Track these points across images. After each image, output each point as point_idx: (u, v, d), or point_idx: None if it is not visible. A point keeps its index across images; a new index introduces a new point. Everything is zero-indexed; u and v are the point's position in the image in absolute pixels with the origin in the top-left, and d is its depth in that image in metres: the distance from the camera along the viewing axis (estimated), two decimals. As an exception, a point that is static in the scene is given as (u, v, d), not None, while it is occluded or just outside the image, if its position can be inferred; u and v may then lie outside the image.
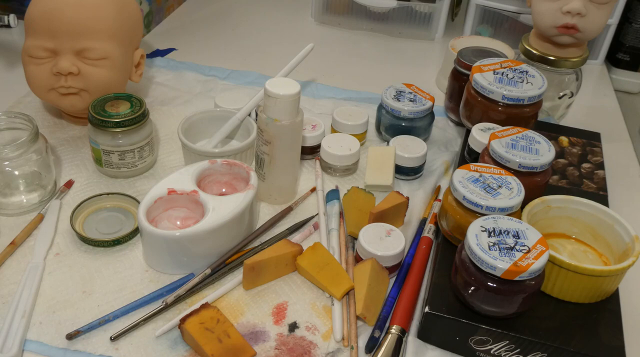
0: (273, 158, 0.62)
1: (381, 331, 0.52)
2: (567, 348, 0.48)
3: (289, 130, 0.60)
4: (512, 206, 0.53)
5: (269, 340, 0.51)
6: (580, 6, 0.71)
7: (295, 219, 0.64)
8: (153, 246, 0.55)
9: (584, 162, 0.71)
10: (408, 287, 0.55)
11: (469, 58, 0.77)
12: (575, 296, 0.52)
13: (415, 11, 1.05)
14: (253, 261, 0.54)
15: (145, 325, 0.51)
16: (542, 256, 0.47)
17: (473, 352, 0.51)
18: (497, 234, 0.49)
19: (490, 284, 0.47)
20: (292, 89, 0.58)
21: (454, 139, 0.79)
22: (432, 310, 0.50)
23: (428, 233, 0.61)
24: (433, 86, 0.93)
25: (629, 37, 1.04)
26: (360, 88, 0.89)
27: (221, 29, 1.05)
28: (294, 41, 1.01)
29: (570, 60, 0.76)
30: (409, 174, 0.70)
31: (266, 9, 1.14)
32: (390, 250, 0.56)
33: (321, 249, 0.57)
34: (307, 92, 0.87)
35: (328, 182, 0.69)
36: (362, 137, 0.75)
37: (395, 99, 0.74)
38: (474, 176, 0.56)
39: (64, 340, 0.49)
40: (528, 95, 0.66)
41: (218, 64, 0.92)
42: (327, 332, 0.52)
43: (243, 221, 0.58)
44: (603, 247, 0.56)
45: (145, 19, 0.99)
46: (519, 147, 0.59)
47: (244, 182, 0.62)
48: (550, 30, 0.74)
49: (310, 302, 0.55)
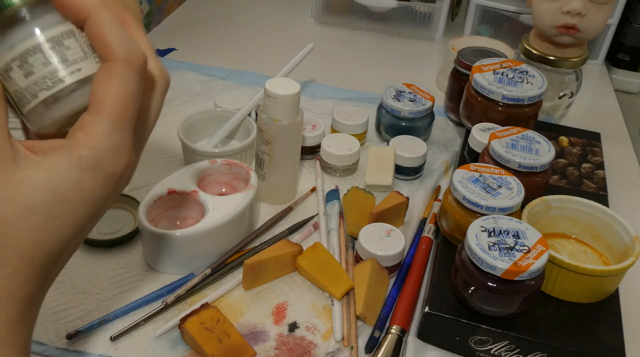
0: (273, 158, 0.62)
1: (381, 331, 0.52)
2: (567, 348, 0.48)
3: (289, 130, 0.60)
4: (512, 206, 0.53)
5: (269, 340, 0.51)
6: (580, 6, 0.71)
7: (295, 219, 0.64)
8: (153, 246, 0.55)
9: (584, 162, 0.71)
10: (408, 287, 0.55)
11: (469, 58, 0.77)
12: (575, 296, 0.52)
13: (415, 11, 1.05)
14: (253, 261, 0.54)
15: (145, 325, 0.51)
16: (542, 256, 0.47)
17: (473, 352, 0.51)
18: (497, 234, 0.49)
19: (490, 284, 0.47)
20: (292, 89, 0.58)
21: (454, 139, 0.79)
22: (432, 310, 0.50)
23: (428, 233, 0.61)
24: (433, 86, 0.93)
25: (629, 37, 1.04)
26: (360, 88, 0.89)
27: (221, 29, 1.05)
28: (294, 41, 1.01)
29: (570, 60, 0.76)
30: (409, 174, 0.70)
31: (266, 9, 1.14)
32: (390, 250, 0.56)
33: (321, 249, 0.57)
34: (307, 92, 0.87)
35: (328, 182, 0.69)
36: (362, 137, 0.75)
37: (395, 99, 0.74)
38: (474, 176, 0.56)
39: (64, 340, 0.49)
40: (528, 95, 0.66)
41: (218, 64, 0.92)
42: (327, 332, 0.52)
43: (243, 221, 0.58)
44: (603, 247, 0.56)
45: (145, 19, 0.99)
46: (519, 147, 0.59)
47: (244, 182, 0.62)
48: (550, 30, 0.74)
49: (310, 302, 0.55)
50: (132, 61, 0.31)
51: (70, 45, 0.31)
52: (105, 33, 0.30)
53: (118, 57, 0.31)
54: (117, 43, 0.30)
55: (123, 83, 0.31)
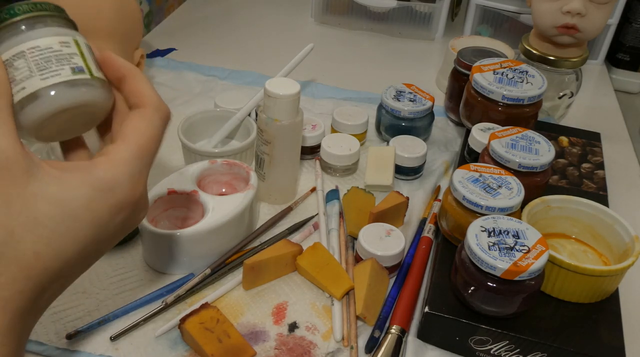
0: (273, 158, 0.62)
1: (381, 331, 0.52)
2: (567, 348, 0.48)
3: (289, 130, 0.60)
4: (512, 206, 0.53)
5: (268, 340, 0.51)
6: (580, 6, 0.71)
7: (295, 219, 0.64)
8: (153, 246, 0.55)
9: (583, 162, 0.71)
10: (408, 287, 0.55)
11: (469, 58, 0.77)
12: (575, 296, 0.52)
13: (415, 11, 1.05)
14: (253, 261, 0.54)
15: (145, 325, 0.51)
16: (542, 256, 0.47)
17: (473, 352, 0.51)
18: (497, 234, 0.49)
19: (490, 284, 0.47)
20: (292, 89, 0.58)
21: (454, 139, 0.79)
22: (432, 310, 0.50)
23: (428, 233, 0.61)
24: (433, 86, 0.93)
25: (629, 37, 1.04)
26: (360, 88, 0.89)
27: (221, 29, 1.05)
28: (294, 41, 1.01)
29: (570, 60, 0.76)
30: (409, 174, 0.70)
31: (266, 9, 1.14)
32: (390, 250, 0.56)
33: (321, 249, 0.57)
34: (307, 92, 0.87)
35: (328, 182, 0.69)
36: (362, 137, 0.75)
37: (395, 99, 0.73)
38: (473, 176, 0.56)
39: (64, 340, 0.49)
40: (528, 95, 0.66)
41: (218, 64, 0.92)
42: (327, 332, 0.52)
43: (243, 221, 0.58)
44: (603, 247, 0.56)
45: (145, 19, 0.99)
46: (519, 147, 0.59)
47: (244, 182, 0.62)
48: (550, 30, 0.74)
49: (310, 302, 0.55)
50: (160, 109, 0.37)
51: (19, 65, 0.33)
52: (141, 86, 0.36)
53: (149, 105, 0.36)
54: (150, 94, 0.36)
55: (151, 123, 0.36)
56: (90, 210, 0.31)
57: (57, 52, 0.34)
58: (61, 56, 0.34)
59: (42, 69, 0.33)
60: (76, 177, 0.31)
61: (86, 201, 0.31)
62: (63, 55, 0.34)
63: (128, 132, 0.34)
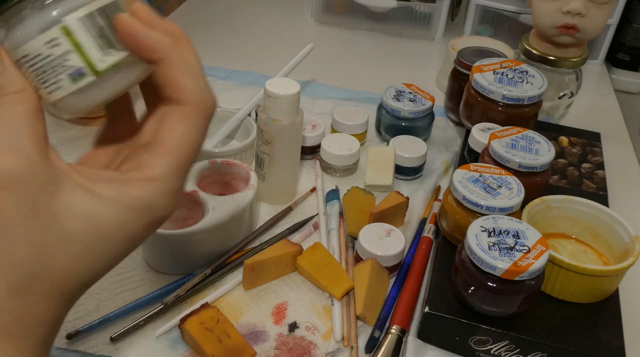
0: (273, 158, 0.62)
1: (381, 331, 0.52)
2: (567, 348, 0.48)
3: (289, 130, 0.60)
4: (512, 206, 0.53)
5: (269, 340, 0.51)
6: (580, 6, 0.71)
7: (295, 219, 0.64)
8: (153, 246, 0.55)
9: (583, 162, 0.71)
10: (408, 287, 0.55)
11: (469, 58, 0.77)
12: (575, 296, 0.52)
13: (415, 11, 1.05)
14: (253, 261, 0.54)
15: (145, 325, 0.51)
16: (542, 256, 0.47)
17: (473, 352, 0.51)
18: (497, 234, 0.49)
19: (490, 284, 0.47)
20: (292, 89, 0.58)
21: (454, 139, 0.79)
22: (432, 310, 0.50)
23: (428, 233, 0.61)
24: (433, 86, 0.93)
25: (629, 37, 1.04)
26: (360, 88, 0.89)
27: (221, 29, 1.05)
28: (294, 41, 1.01)
29: (570, 60, 0.76)
30: (409, 174, 0.70)
31: (266, 9, 1.14)
32: (390, 250, 0.56)
33: (321, 249, 0.57)
34: (307, 92, 0.87)
35: (328, 182, 0.69)
36: (362, 137, 0.75)
37: (395, 99, 0.73)
38: (474, 176, 0.56)
39: (64, 340, 0.49)
40: (528, 95, 0.66)
41: (218, 64, 0.92)
42: (327, 332, 0.52)
43: (243, 220, 0.58)
44: (603, 247, 0.56)
45: (145, 19, 0.99)
46: (519, 147, 0.59)
47: (244, 182, 0.62)
48: (550, 30, 0.74)
49: (310, 302, 0.55)
50: (203, 106, 0.31)
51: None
52: (179, 77, 0.30)
53: (191, 102, 0.30)
54: (191, 87, 0.30)
55: (190, 129, 0.30)
56: (124, 229, 0.29)
57: (49, 59, 0.28)
58: (53, 63, 0.28)
59: (43, 81, 0.29)
60: (110, 193, 0.29)
61: (121, 221, 0.29)
62: (55, 60, 0.28)
63: (166, 141, 0.30)
